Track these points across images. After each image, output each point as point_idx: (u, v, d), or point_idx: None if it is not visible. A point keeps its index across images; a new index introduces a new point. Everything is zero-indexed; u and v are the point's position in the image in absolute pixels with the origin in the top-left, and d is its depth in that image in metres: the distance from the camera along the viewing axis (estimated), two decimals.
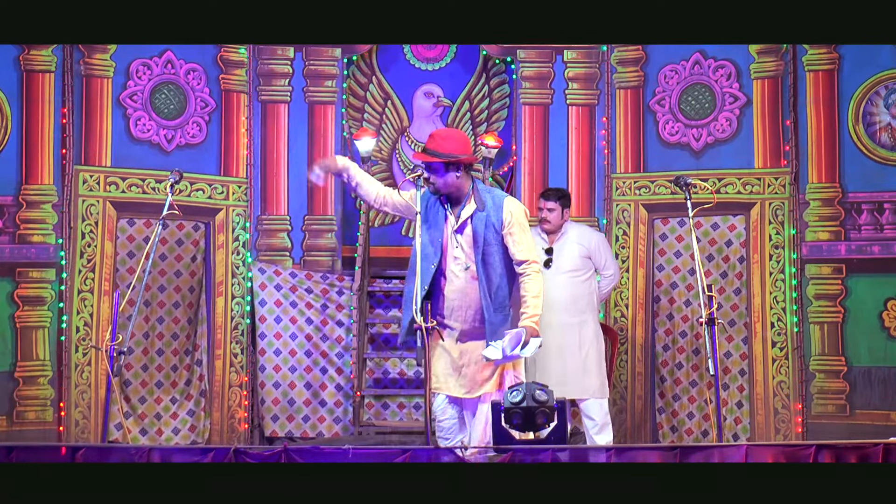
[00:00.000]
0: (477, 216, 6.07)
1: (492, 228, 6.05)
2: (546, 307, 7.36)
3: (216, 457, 4.97)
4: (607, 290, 7.74)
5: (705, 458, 4.96)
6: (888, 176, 7.83)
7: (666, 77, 8.37)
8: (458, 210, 6.10)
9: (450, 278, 6.11)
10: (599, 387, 7.46)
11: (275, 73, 8.58)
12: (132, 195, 8.02)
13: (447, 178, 6.03)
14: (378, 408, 8.48)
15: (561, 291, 7.42)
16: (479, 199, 6.09)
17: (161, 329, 8.09)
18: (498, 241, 6.06)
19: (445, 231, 6.11)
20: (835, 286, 7.92)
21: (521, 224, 6.10)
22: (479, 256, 6.05)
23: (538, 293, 6.02)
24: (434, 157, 6.04)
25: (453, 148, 6.05)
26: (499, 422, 5.47)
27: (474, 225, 6.06)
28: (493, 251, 6.05)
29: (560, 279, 7.45)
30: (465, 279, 6.08)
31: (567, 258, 7.51)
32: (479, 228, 6.04)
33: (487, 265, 6.05)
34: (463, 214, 6.09)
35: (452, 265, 6.10)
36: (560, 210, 7.55)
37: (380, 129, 9.11)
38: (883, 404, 7.77)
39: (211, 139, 8.30)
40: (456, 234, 6.10)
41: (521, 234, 6.09)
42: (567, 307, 7.43)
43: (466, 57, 9.15)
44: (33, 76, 7.76)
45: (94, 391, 7.81)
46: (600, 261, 7.60)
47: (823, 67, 7.98)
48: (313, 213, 8.54)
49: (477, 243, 6.05)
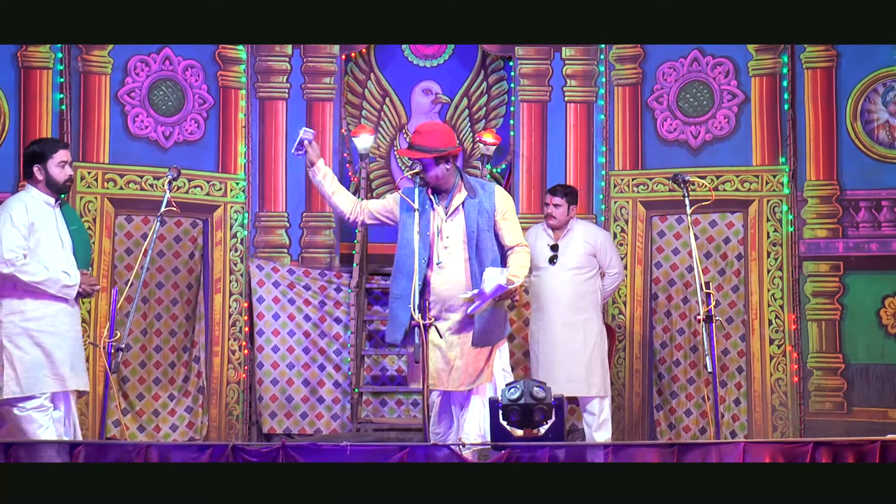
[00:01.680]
0: (468, 202, 6.17)
1: (485, 214, 6.16)
2: (551, 304, 7.47)
3: (214, 453, 4.97)
4: (611, 289, 7.77)
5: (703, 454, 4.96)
6: (886, 173, 7.84)
7: (664, 74, 8.37)
8: (448, 200, 6.17)
9: (438, 270, 6.14)
10: (602, 385, 7.50)
11: (273, 70, 8.57)
12: (130, 192, 8.02)
13: (437, 171, 6.14)
14: (376, 404, 8.48)
15: (566, 288, 7.48)
16: (469, 187, 6.20)
17: (159, 326, 8.09)
18: (490, 227, 6.16)
19: (433, 224, 6.13)
20: (832, 284, 7.93)
21: (512, 210, 6.34)
22: (473, 241, 6.11)
23: (525, 265, 6.27)
24: (424, 153, 6.10)
25: (441, 141, 6.17)
26: (496, 418, 5.47)
27: (466, 211, 6.15)
28: (485, 237, 6.15)
29: (565, 276, 7.50)
30: (455, 268, 6.11)
31: (572, 255, 7.54)
32: (472, 214, 6.14)
33: (480, 250, 6.12)
34: (454, 202, 6.16)
35: (443, 255, 6.14)
36: (566, 206, 7.59)
37: (378, 126, 9.11)
38: (880, 401, 7.77)
39: (209, 136, 8.30)
40: (447, 223, 6.14)
41: (513, 221, 6.32)
42: (571, 304, 7.48)
43: (465, 54, 9.15)
44: (31, 73, 7.76)
45: (92, 388, 7.79)
46: (605, 259, 7.63)
47: (821, 65, 7.98)
48: (311, 209, 8.54)
49: (469, 228, 6.13)
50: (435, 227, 6.13)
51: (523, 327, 8.37)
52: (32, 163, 6.25)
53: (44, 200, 6.23)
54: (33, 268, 6.07)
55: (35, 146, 6.38)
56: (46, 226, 6.18)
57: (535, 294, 7.62)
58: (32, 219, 6.14)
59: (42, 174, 6.21)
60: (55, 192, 6.26)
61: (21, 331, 6.08)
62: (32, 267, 6.07)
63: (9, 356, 6.07)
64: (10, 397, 6.06)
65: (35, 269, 6.07)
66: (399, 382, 8.49)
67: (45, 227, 6.18)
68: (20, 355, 6.07)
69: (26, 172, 6.30)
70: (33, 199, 6.22)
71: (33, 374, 6.07)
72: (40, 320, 6.10)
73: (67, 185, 6.31)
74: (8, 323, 6.09)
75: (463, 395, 6.12)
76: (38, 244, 6.12)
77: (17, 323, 6.09)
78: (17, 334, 6.08)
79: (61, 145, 6.40)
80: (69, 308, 6.20)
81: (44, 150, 6.27)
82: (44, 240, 6.15)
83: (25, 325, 6.09)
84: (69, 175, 6.28)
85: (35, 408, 6.06)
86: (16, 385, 6.05)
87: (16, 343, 6.08)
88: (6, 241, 6.05)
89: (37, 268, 6.08)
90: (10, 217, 6.10)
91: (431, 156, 6.09)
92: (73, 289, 6.15)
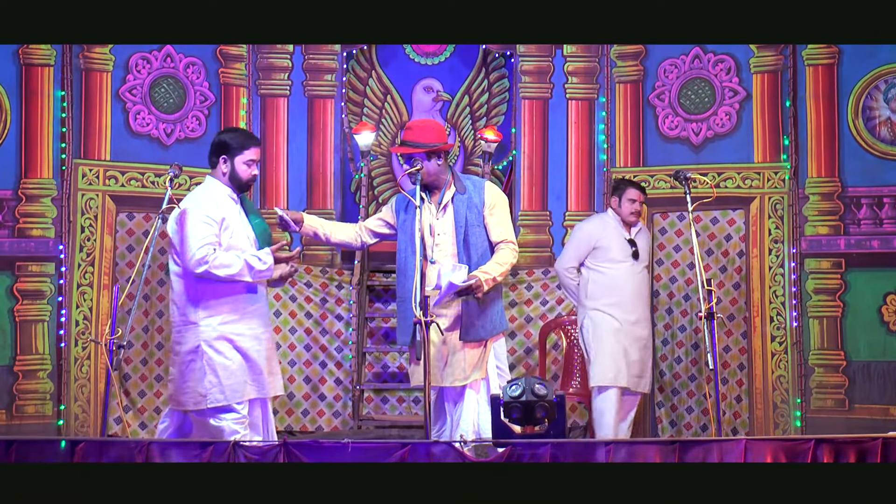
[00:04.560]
0: (458, 198, 6.18)
1: (474, 209, 6.16)
2: (633, 299, 7.45)
3: (215, 451, 4.96)
4: None
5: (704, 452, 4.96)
6: (887, 170, 7.83)
7: (665, 71, 8.37)
8: (439, 196, 6.18)
9: (431, 266, 6.14)
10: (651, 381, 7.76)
11: (274, 68, 8.58)
12: (131, 189, 8.02)
13: (429, 166, 6.14)
14: (377, 402, 8.48)
15: (643, 285, 7.59)
16: (460, 183, 6.21)
17: (160, 323, 8.09)
18: (479, 223, 6.17)
19: (425, 220, 6.13)
20: (834, 281, 7.93)
21: (501, 206, 6.26)
22: (462, 237, 6.12)
23: (505, 263, 6.14)
24: (417, 149, 6.12)
25: (433, 137, 6.20)
26: (498, 416, 5.47)
27: (456, 206, 6.16)
28: (473, 231, 6.14)
29: (644, 273, 7.61)
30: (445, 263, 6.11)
31: (643, 252, 7.62)
32: (462, 209, 6.15)
33: (469, 245, 6.13)
34: (445, 198, 6.18)
35: (435, 251, 6.15)
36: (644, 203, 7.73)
37: (379, 124, 9.11)
38: (882, 399, 7.77)
39: (210, 133, 8.29)
40: (438, 220, 6.15)
41: (502, 216, 6.25)
42: (647, 301, 7.67)
43: (466, 51, 9.15)
44: (32, 70, 7.76)
45: (94, 385, 7.81)
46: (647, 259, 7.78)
47: (823, 62, 7.98)
48: (312, 207, 8.54)
49: (459, 223, 6.13)
50: (427, 224, 6.14)
51: (524, 325, 8.38)
52: (219, 153, 5.85)
53: (228, 194, 5.86)
54: (225, 258, 5.68)
55: (225, 136, 5.94)
56: (235, 222, 5.83)
57: (612, 287, 7.44)
58: (223, 213, 5.77)
59: (227, 167, 5.84)
60: (237, 189, 5.89)
61: (219, 335, 5.73)
62: (224, 258, 5.68)
63: (210, 362, 5.71)
64: (213, 406, 5.70)
65: (227, 259, 5.68)
66: (400, 379, 8.49)
67: (235, 223, 5.82)
68: (222, 361, 5.72)
69: (210, 161, 5.90)
70: (220, 192, 5.84)
71: (236, 381, 5.72)
72: (237, 323, 5.76)
73: (250, 184, 5.94)
74: (206, 327, 5.73)
75: (456, 391, 6.12)
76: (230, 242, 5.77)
77: (216, 327, 5.74)
78: (217, 339, 5.73)
79: (253, 142, 5.96)
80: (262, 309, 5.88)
81: (234, 143, 5.86)
82: (236, 237, 5.79)
83: (223, 329, 5.74)
84: (254, 175, 5.90)
85: (235, 419, 5.73)
86: (219, 392, 5.70)
87: (216, 348, 5.72)
88: (197, 238, 5.67)
89: (229, 258, 5.70)
90: (200, 212, 5.72)
91: (423, 150, 6.12)
92: (268, 271, 5.77)
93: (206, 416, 5.74)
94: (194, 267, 5.67)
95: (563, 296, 8.33)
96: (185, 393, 5.77)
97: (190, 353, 5.76)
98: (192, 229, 5.70)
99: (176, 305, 5.84)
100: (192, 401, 5.75)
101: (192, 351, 5.75)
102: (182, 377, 5.78)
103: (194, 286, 5.76)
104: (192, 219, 5.72)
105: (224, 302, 5.76)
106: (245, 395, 5.76)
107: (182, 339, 5.80)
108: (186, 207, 5.77)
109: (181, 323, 5.80)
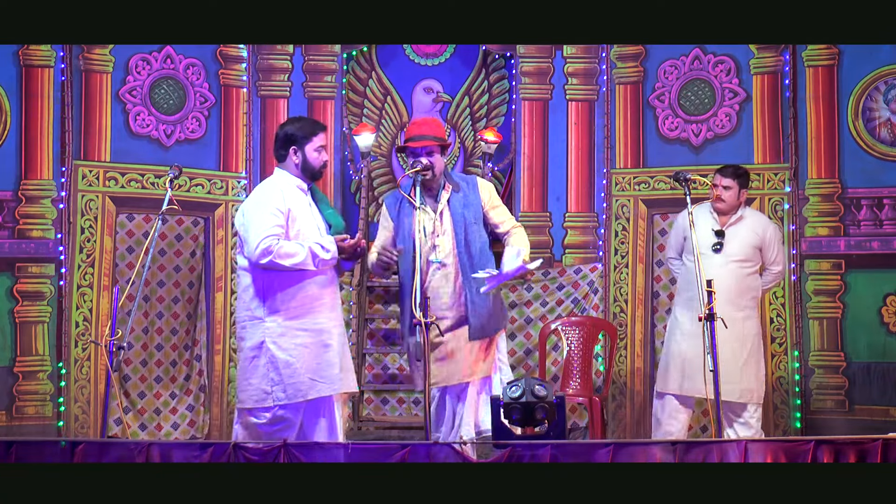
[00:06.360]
0: (454, 197, 6.19)
1: (471, 207, 6.19)
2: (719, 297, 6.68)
3: (215, 452, 4.96)
4: (767, 288, 7.30)
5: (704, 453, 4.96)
6: (887, 171, 7.83)
7: (665, 72, 8.36)
8: (437, 195, 6.18)
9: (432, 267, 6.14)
10: (758, 392, 7.03)
11: (274, 69, 8.58)
12: (131, 190, 8.02)
13: (439, 161, 6.17)
14: (377, 403, 8.48)
15: (728, 281, 6.82)
16: (454, 182, 6.21)
17: (160, 324, 8.09)
18: (477, 220, 6.19)
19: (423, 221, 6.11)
20: (834, 282, 7.93)
21: (496, 197, 6.36)
22: (461, 235, 6.12)
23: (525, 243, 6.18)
24: (434, 142, 6.12)
25: (441, 132, 6.26)
26: (498, 417, 5.47)
27: (452, 206, 6.17)
28: (473, 230, 6.18)
29: (730, 267, 6.94)
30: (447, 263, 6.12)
31: (739, 245, 6.99)
32: (458, 208, 6.17)
33: (468, 243, 6.15)
34: (442, 198, 6.17)
35: (435, 252, 6.14)
36: (737, 189, 7.00)
37: (379, 125, 9.11)
38: (882, 400, 7.77)
39: (210, 134, 8.30)
40: (436, 220, 6.15)
41: (501, 205, 6.34)
42: (732, 299, 6.85)
43: (466, 52, 9.15)
44: (32, 71, 7.76)
45: (94, 386, 7.81)
46: (770, 255, 7.10)
47: (823, 63, 7.98)
48: None
49: (457, 222, 6.14)
50: (426, 225, 6.14)
51: (524, 326, 8.38)
52: (287, 145, 5.78)
53: (297, 185, 5.79)
54: (290, 247, 5.61)
55: (290, 127, 5.85)
56: (303, 213, 5.74)
57: (689, 282, 6.82)
58: (289, 205, 5.69)
59: (299, 157, 5.76)
60: (309, 178, 5.82)
61: (284, 330, 5.65)
62: (289, 247, 5.60)
63: (273, 359, 5.64)
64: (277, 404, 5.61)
65: (292, 248, 5.61)
66: (400, 381, 8.49)
67: (302, 214, 5.74)
68: (286, 358, 5.63)
69: (278, 155, 5.84)
70: (287, 183, 5.78)
71: (299, 378, 5.62)
72: (304, 318, 5.66)
73: (321, 171, 5.87)
74: (271, 322, 5.65)
75: (459, 388, 6.13)
76: (298, 234, 5.69)
77: (281, 322, 5.65)
78: (281, 335, 5.64)
79: (319, 127, 5.88)
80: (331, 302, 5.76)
81: (301, 132, 5.79)
82: (303, 229, 5.71)
83: (289, 325, 5.65)
84: (324, 161, 5.82)
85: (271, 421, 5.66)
86: (281, 391, 5.62)
87: (280, 345, 5.64)
88: (261, 229, 5.60)
89: (293, 247, 5.61)
90: (265, 203, 5.65)
91: (438, 144, 6.14)
92: (332, 259, 5.70)
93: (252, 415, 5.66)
94: (259, 258, 5.60)
95: (562, 297, 8.34)
96: (245, 390, 5.72)
97: (253, 349, 5.70)
98: (257, 221, 5.65)
99: (241, 300, 5.79)
100: (252, 398, 5.68)
101: (256, 347, 5.70)
102: (243, 374, 5.73)
103: (261, 280, 5.69)
104: (258, 210, 5.67)
105: (290, 296, 5.67)
106: (310, 394, 5.65)
107: (246, 335, 5.74)
108: (253, 199, 5.74)
109: (246, 318, 5.74)
